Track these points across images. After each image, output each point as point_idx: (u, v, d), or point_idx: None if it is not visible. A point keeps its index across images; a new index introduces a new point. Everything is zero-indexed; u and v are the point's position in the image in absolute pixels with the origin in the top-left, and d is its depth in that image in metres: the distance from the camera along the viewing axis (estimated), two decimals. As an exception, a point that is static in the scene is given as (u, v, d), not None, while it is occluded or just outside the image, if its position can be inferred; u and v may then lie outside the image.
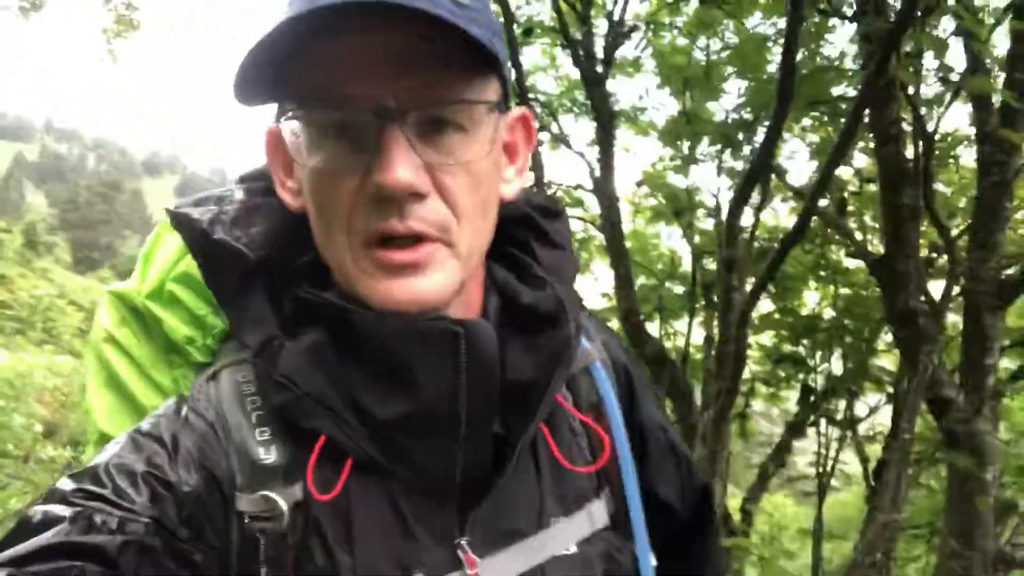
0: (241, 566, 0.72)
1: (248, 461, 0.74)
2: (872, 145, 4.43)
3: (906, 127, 4.43)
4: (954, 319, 5.22)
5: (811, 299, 6.97)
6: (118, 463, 0.71)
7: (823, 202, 4.98)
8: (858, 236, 5.50)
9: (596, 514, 0.85)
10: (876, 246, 5.04)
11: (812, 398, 6.12)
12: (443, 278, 0.74)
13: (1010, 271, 4.55)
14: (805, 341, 6.23)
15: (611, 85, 6.64)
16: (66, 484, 0.70)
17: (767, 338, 6.99)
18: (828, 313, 6.42)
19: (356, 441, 0.73)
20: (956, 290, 4.48)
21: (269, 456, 0.74)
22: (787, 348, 6.41)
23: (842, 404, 6.35)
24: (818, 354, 6.23)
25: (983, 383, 4.56)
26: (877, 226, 5.38)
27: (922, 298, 4.48)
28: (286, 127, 0.75)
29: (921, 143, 4.20)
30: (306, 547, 0.72)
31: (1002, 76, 4.44)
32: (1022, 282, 4.53)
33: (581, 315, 0.87)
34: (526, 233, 0.87)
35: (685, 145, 6.51)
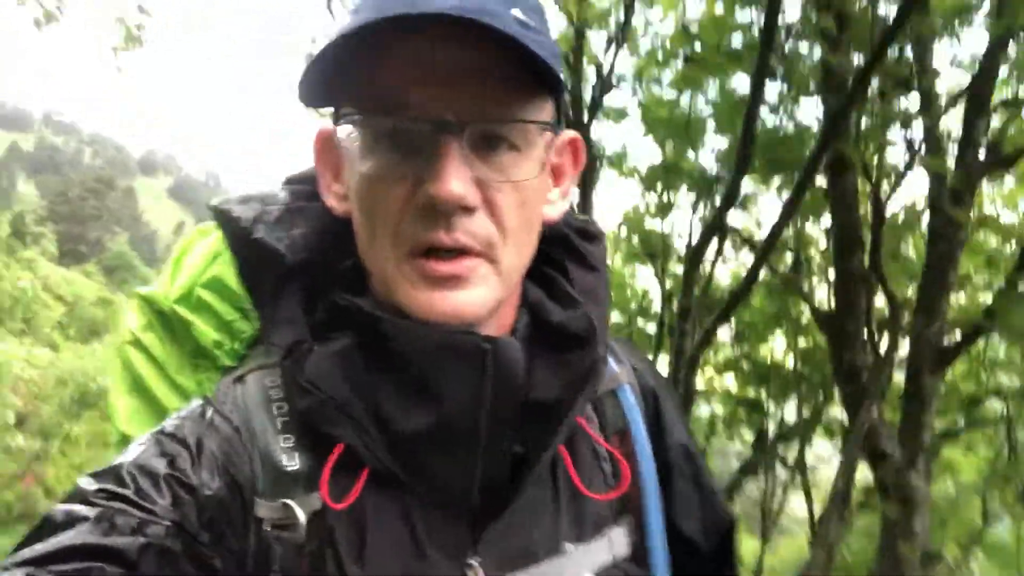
0: (256, 572, 0.72)
1: (271, 467, 0.74)
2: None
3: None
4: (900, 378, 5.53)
5: (780, 346, 7.28)
6: (141, 464, 0.71)
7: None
8: (822, 292, 5.82)
9: (616, 542, 0.83)
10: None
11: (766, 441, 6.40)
12: (484, 293, 0.74)
13: (951, 336, 4.88)
14: (763, 387, 6.51)
15: (598, 129, 6.98)
16: (88, 483, 0.69)
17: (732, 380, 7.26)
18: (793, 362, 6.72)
19: (374, 451, 0.73)
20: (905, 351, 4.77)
21: (292, 463, 0.74)
22: (750, 392, 6.69)
23: (794, 450, 6.62)
24: (774, 401, 6.50)
25: (919, 438, 4.86)
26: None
27: (869, 357, 4.79)
28: (341, 130, 0.76)
29: (873, 213, 4.53)
30: (320, 557, 0.72)
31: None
32: (960, 347, 4.86)
33: (612, 340, 0.88)
34: (562, 253, 0.87)
35: (664, 192, 6.83)
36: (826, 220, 6.15)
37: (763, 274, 5.14)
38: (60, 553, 0.63)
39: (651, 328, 7.64)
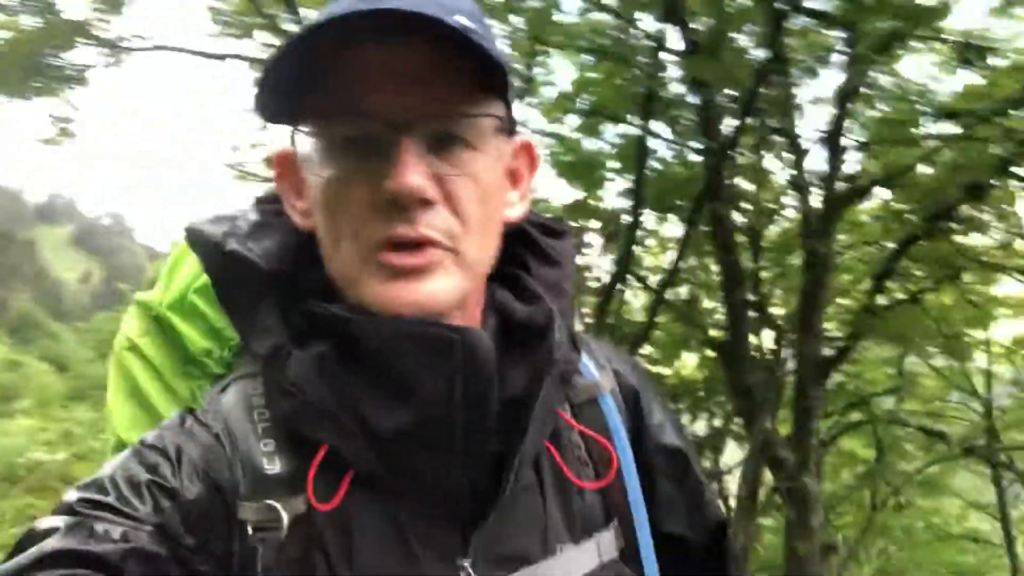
0: (241, 575, 0.73)
1: (252, 471, 0.74)
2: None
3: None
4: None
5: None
6: (123, 473, 0.72)
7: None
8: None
9: (605, 544, 0.84)
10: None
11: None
12: (448, 284, 0.75)
13: (828, 351, 5.56)
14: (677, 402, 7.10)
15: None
16: (71, 495, 0.71)
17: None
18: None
19: (357, 453, 0.73)
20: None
21: (273, 467, 0.75)
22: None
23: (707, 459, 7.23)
24: (689, 414, 7.10)
25: (808, 443, 5.51)
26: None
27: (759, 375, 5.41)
28: (300, 143, 0.78)
29: (752, 248, 5.16)
30: (309, 562, 0.73)
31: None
32: (838, 359, 5.54)
33: (595, 343, 0.89)
34: (522, 250, 0.88)
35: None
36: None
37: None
38: (41, 560, 0.64)
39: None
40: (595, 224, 7.43)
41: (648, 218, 6.17)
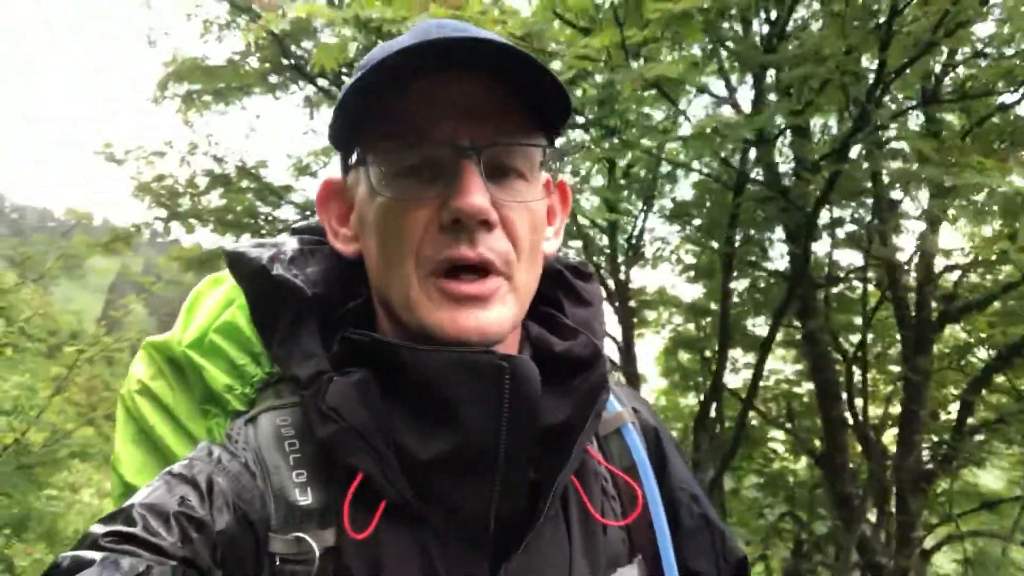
0: None
1: (284, 502, 0.75)
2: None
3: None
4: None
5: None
6: (151, 503, 0.71)
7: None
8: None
9: None
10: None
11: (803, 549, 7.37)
12: (504, 312, 0.77)
13: (928, 464, 5.92)
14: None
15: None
16: (98, 528, 0.69)
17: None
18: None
19: (392, 481, 0.74)
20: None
21: (305, 498, 0.75)
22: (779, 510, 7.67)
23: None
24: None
25: (911, 551, 5.85)
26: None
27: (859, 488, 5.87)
28: (356, 172, 0.82)
29: (846, 372, 5.73)
30: None
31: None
32: (933, 472, 5.90)
33: (611, 379, 0.88)
34: (557, 290, 0.91)
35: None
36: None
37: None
38: None
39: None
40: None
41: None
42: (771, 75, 4.99)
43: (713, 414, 5.85)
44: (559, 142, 0.94)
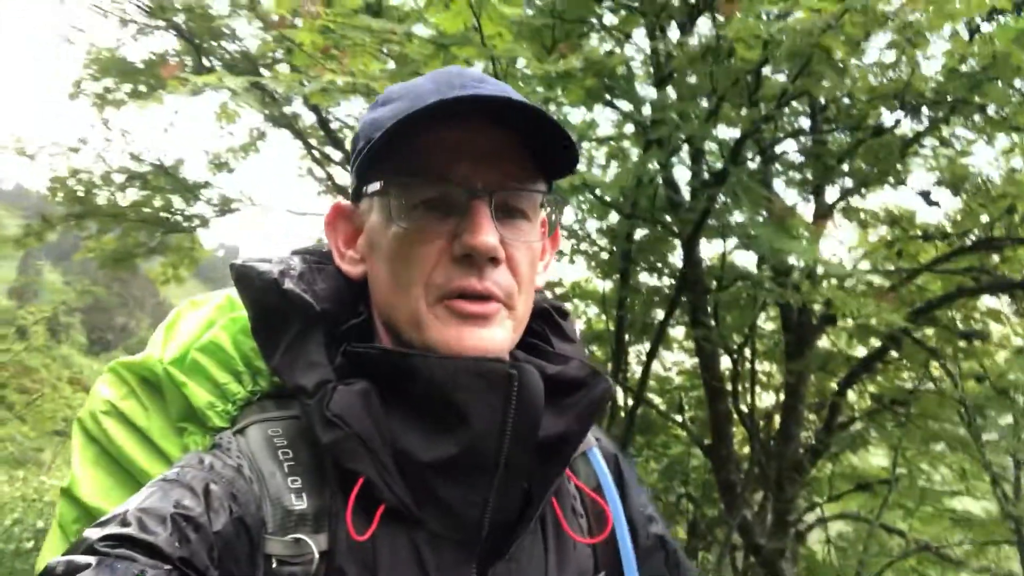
0: None
1: (280, 507, 0.77)
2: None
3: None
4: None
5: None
6: (146, 506, 0.71)
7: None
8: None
9: None
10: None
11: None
12: (503, 334, 0.84)
13: (802, 452, 6.50)
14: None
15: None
16: (93, 532, 0.69)
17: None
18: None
19: (391, 486, 0.78)
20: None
21: (300, 503, 0.78)
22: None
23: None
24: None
25: (786, 532, 6.42)
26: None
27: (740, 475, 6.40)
28: (371, 201, 0.88)
29: (732, 369, 6.21)
30: None
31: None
32: (803, 463, 6.47)
33: None
34: (543, 325, 0.97)
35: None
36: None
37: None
38: None
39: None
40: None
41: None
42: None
43: (610, 406, 6.28)
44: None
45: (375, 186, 0.87)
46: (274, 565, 0.75)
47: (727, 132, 5.09)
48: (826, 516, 6.96)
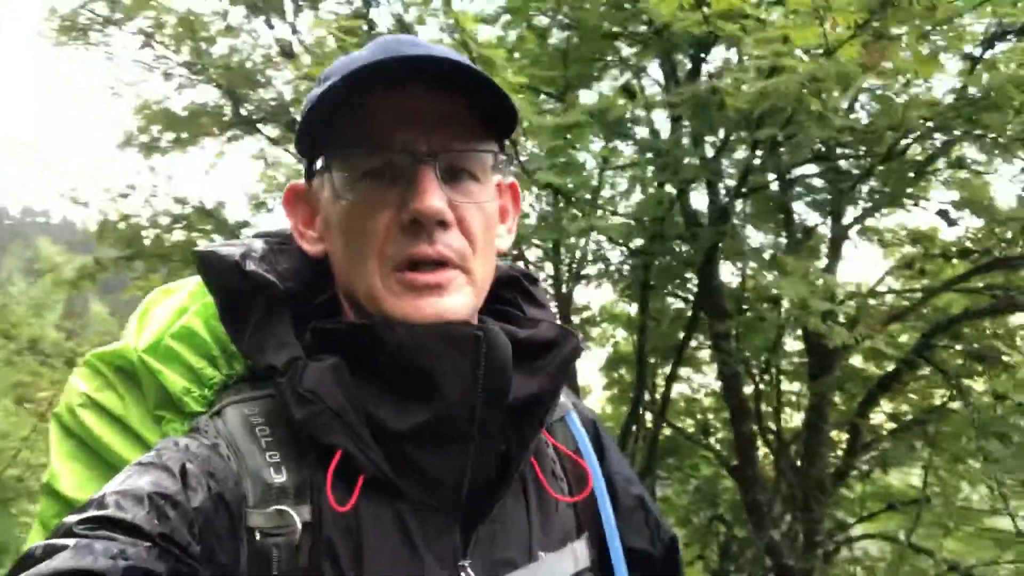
0: None
1: (260, 481, 0.78)
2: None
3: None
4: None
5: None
6: (123, 488, 0.72)
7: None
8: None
9: (579, 553, 0.91)
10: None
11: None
12: (462, 299, 0.84)
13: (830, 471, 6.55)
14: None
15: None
16: (71, 518, 0.69)
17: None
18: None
19: (370, 457, 0.78)
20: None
21: (280, 476, 0.78)
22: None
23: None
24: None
25: (814, 552, 6.46)
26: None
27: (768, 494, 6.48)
28: (320, 177, 0.87)
29: (754, 394, 6.33)
30: (317, 568, 0.76)
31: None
32: (826, 483, 6.53)
33: None
34: (513, 292, 0.98)
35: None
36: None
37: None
38: None
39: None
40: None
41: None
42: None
43: (635, 429, 6.43)
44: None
45: (320, 162, 0.88)
46: (257, 537, 0.76)
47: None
48: (853, 536, 6.96)
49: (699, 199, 6.01)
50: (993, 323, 6.27)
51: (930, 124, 4.19)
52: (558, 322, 0.96)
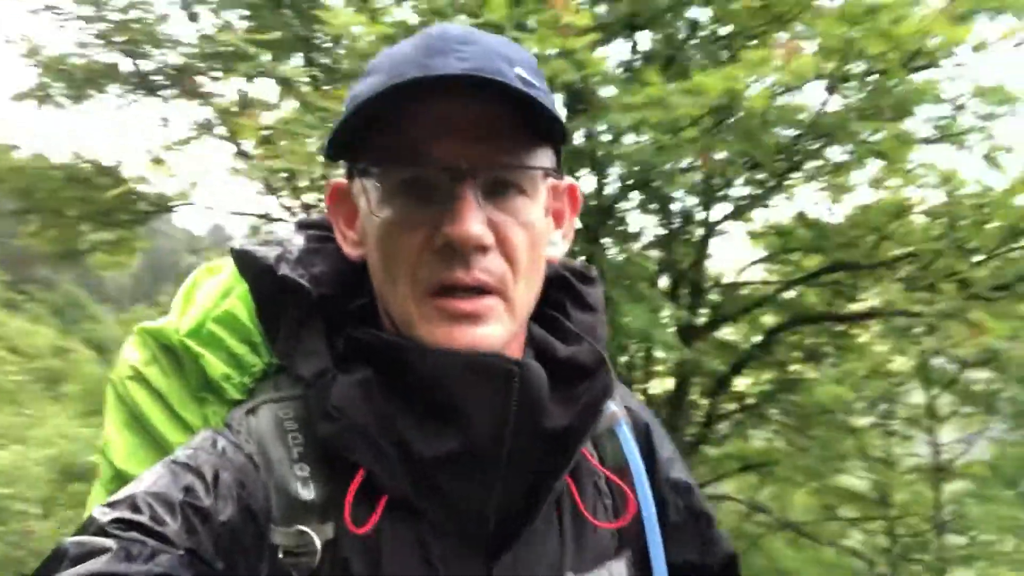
0: None
1: (286, 496, 0.76)
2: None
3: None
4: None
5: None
6: (156, 491, 0.72)
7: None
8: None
9: (615, 574, 0.87)
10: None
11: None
12: (499, 329, 0.79)
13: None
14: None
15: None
16: (102, 514, 0.69)
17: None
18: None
19: (394, 478, 0.76)
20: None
21: (307, 493, 0.76)
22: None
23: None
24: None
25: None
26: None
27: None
28: (359, 183, 0.82)
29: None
30: None
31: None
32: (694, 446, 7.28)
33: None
34: (562, 295, 0.92)
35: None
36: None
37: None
38: None
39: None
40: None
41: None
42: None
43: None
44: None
45: (359, 166, 0.83)
46: (280, 556, 0.76)
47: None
48: (709, 496, 7.79)
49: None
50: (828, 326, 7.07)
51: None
52: (605, 325, 0.94)
